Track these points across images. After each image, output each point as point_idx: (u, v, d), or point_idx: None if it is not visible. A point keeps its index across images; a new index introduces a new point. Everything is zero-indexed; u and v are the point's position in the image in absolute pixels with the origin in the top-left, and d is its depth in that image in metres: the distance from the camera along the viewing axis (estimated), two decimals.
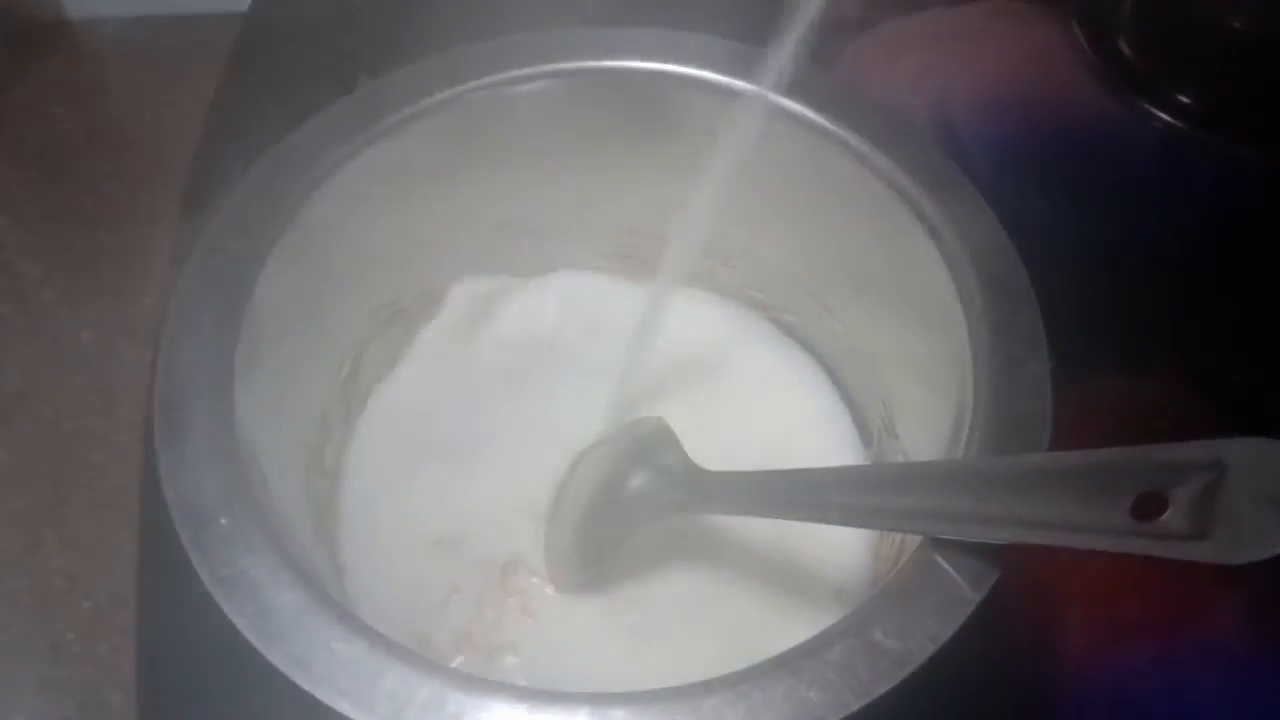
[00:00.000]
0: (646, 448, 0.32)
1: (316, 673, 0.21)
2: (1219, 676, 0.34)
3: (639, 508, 0.30)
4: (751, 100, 0.31)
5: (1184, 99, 0.45)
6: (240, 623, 0.22)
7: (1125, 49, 0.48)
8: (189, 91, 0.49)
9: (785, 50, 0.28)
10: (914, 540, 0.25)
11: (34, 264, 0.44)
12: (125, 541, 0.36)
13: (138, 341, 0.41)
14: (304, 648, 0.22)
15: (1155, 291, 0.42)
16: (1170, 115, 0.46)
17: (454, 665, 0.31)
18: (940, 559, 0.23)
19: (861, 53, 0.49)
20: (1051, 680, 0.33)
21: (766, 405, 0.37)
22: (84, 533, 0.37)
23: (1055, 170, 0.46)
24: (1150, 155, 0.47)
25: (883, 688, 0.21)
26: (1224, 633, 0.34)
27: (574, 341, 0.39)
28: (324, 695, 0.21)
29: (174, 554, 0.23)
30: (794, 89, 0.32)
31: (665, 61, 0.33)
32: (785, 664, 0.22)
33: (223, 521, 0.23)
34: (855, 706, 0.21)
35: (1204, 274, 0.42)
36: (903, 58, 0.50)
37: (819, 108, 0.32)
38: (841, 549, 0.33)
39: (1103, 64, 0.48)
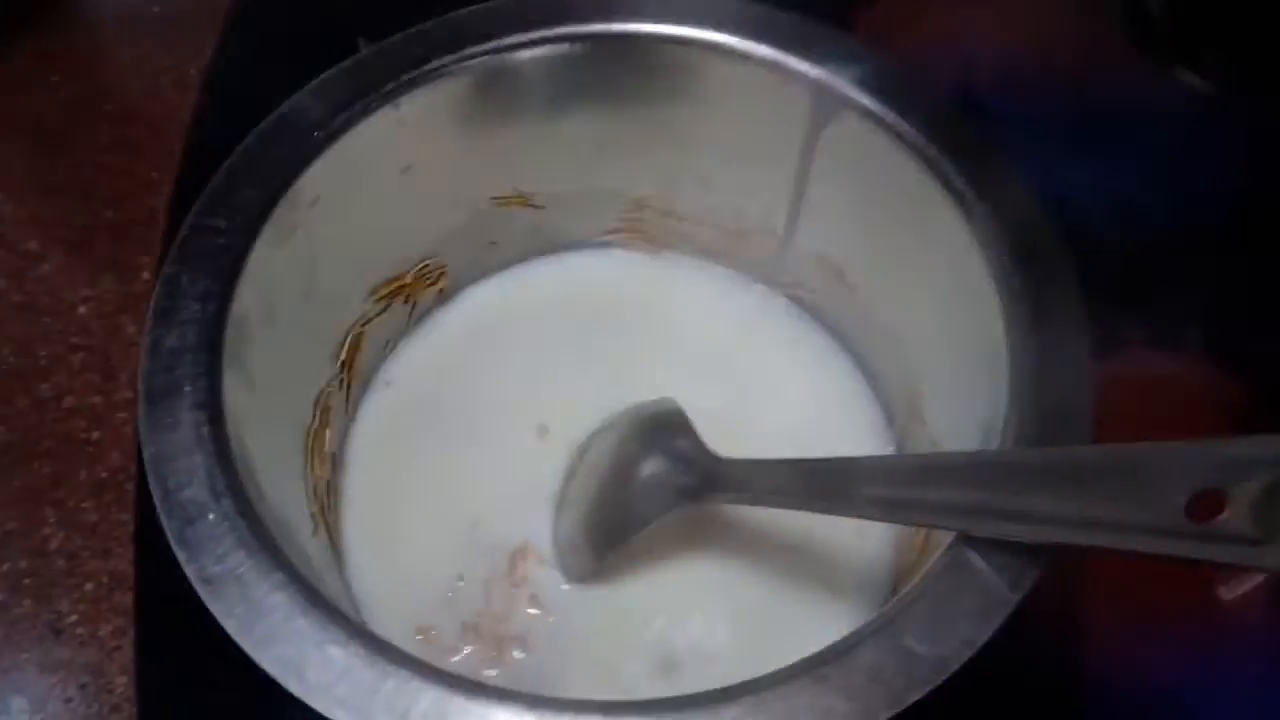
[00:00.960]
0: (658, 432, 0.31)
1: (311, 679, 0.20)
2: (1251, 668, 0.32)
3: (651, 496, 0.29)
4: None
5: (1214, 61, 0.44)
6: (229, 625, 0.21)
7: (1154, 8, 0.46)
8: (186, 59, 0.47)
9: None
10: (942, 533, 0.24)
11: (30, 237, 0.43)
12: (125, 521, 0.35)
13: (137, 316, 0.40)
14: (297, 652, 0.20)
15: (1185, 262, 0.41)
16: (1201, 78, 0.44)
17: (460, 658, 0.30)
18: (975, 557, 0.22)
19: (878, 17, 0.47)
20: (1079, 672, 0.32)
21: (783, 386, 0.36)
22: (84, 512, 0.36)
23: (1080, 137, 0.44)
24: (1179, 120, 0.45)
25: (915, 695, 0.20)
26: (1255, 623, 0.33)
27: (581, 319, 0.37)
28: (319, 703, 0.20)
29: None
30: (811, 51, 0.30)
31: (679, 24, 0.31)
32: (810, 669, 0.20)
33: (210, 516, 0.22)
34: (885, 716, 0.20)
35: (1237, 244, 0.41)
36: (922, 22, 0.48)
37: (837, 70, 0.30)
38: (863, 540, 0.32)
39: (1130, 25, 0.47)
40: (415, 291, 0.35)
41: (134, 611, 0.33)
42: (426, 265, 0.35)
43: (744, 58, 0.30)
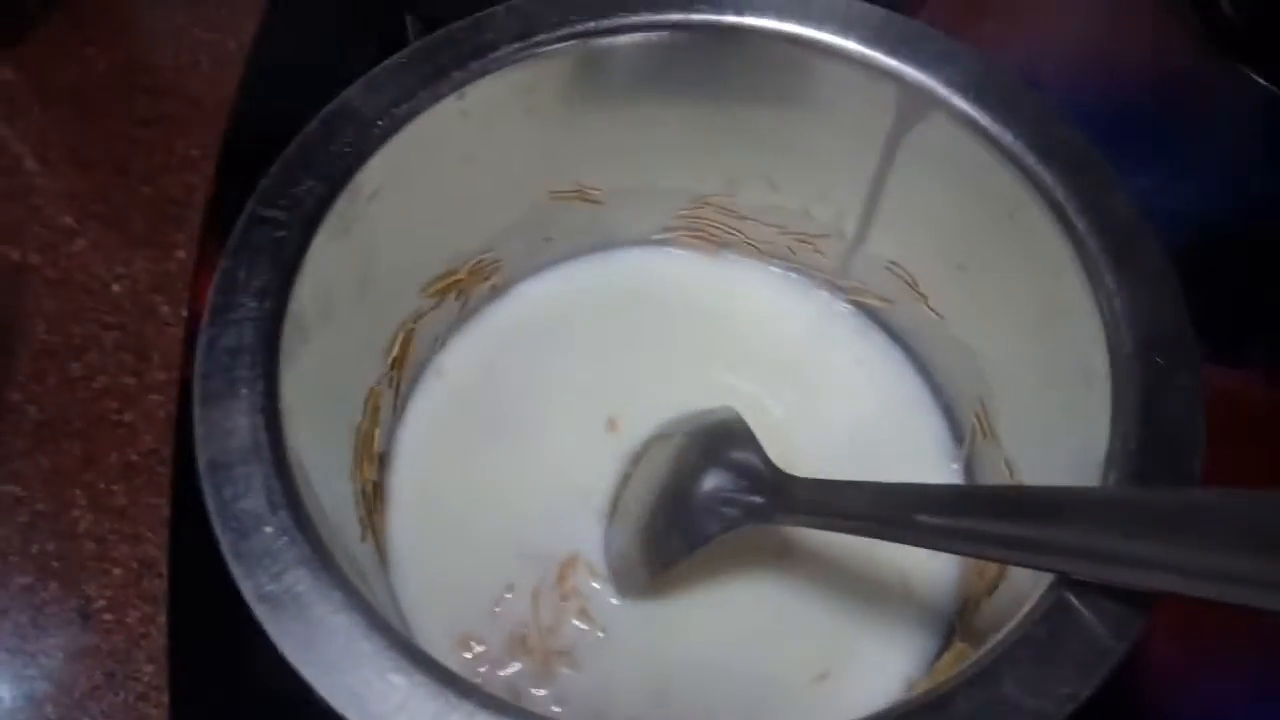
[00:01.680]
0: (719, 444, 0.29)
1: (372, 709, 0.19)
2: None
3: (714, 513, 0.28)
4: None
5: None
6: (286, 647, 0.19)
7: (1226, 8, 0.44)
8: (226, 34, 0.46)
9: None
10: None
11: (65, 211, 0.42)
12: (156, 506, 0.34)
13: (171, 296, 0.39)
14: (358, 679, 0.19)
15: (1255, 273, 0.39)
16: (1275, 82, 0.42)
17: (507, 674, 0.29)
18: (1076, 601, 0.20)
19: (939, 13, 0.46)
20: (1143, 701, 0.31)
21: (843, 395, 0.35)
22: (114, 495, 0.35)
23: (1149, 140, 0.43)
24: (1252, 124, 0.44)
25: None
26: None
27: (635, 317, 0.36)
28: None
29: (207, 526, 0.21)
30: (901, 48, 0.29)
31: (761, 15, 0.29)
32: (901, 717, 0.19)
33: (268, 529, 0.21)
34: None
35: None
36: (984, 18, 0.47)
37: (929, 69, 0.28)
38: (926, 560, 0.30)
39: (1202, 25, 0.45)
40: (469, 287, 0.34)
41: (166, 600, 0.32)
42: (481, 260, 0.33)
43: (830, 52, 0.29)
